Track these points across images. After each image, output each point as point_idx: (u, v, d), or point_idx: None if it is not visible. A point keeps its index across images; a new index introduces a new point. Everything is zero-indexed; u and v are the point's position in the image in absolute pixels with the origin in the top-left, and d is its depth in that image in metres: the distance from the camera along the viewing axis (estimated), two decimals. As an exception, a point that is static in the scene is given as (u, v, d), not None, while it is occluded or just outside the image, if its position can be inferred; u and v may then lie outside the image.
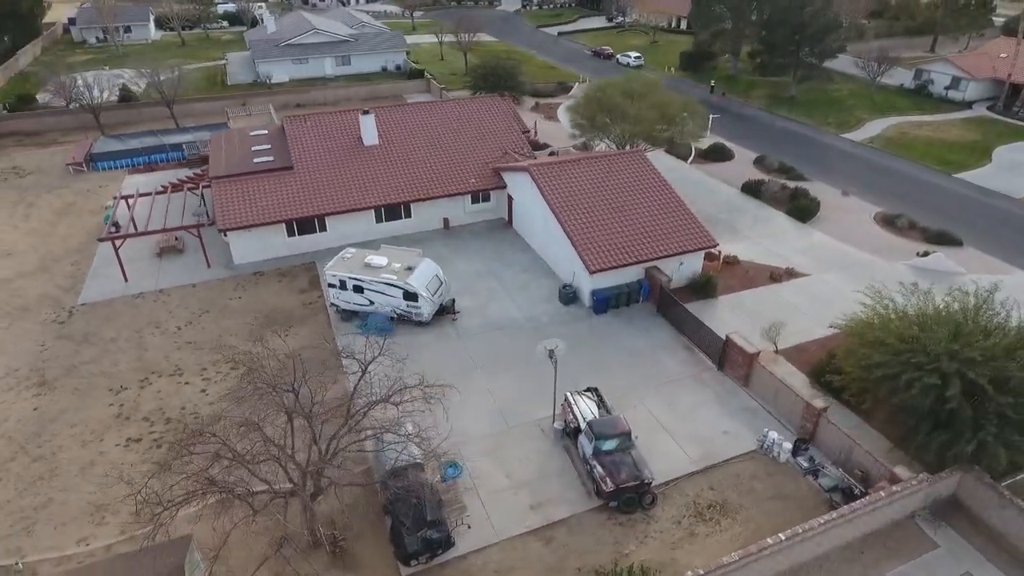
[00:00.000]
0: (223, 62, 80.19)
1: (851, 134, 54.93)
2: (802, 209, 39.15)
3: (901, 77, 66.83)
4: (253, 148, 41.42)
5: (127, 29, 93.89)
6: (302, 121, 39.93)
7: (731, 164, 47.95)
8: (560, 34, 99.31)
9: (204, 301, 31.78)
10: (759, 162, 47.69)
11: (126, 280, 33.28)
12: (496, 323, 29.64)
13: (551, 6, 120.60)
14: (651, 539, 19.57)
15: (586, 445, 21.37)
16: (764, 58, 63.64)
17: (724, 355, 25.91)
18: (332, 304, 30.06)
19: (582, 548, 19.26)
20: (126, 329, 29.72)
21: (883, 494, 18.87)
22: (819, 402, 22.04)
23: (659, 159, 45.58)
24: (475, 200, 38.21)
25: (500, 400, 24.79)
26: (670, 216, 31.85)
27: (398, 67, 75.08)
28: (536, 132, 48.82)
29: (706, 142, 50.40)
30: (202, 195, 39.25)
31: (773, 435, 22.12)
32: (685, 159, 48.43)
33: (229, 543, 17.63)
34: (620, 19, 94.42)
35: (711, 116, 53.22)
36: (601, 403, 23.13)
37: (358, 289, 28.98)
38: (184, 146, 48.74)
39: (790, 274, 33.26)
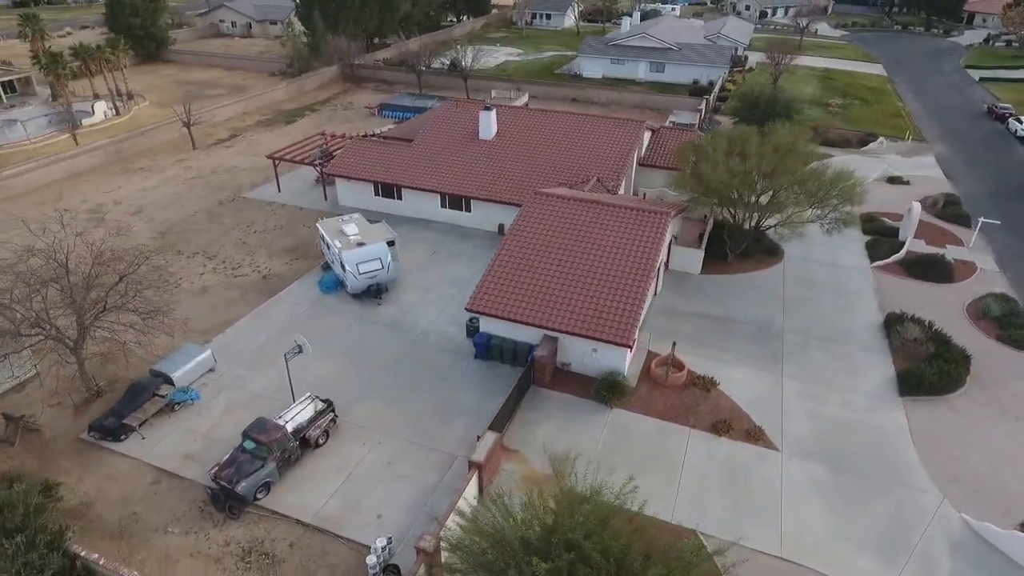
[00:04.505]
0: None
1: None
2: (915, 377, 25.60)
3: None
4: (435, 122, 47.80)
5: (547, 16, 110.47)
6: (454, 106, 44.24)
7: (937, 288, 32.86)
8: (982, 79, 75.48)
9: (290, 221, 40.39)
10: (978, 300, 31.42)
11: (279, 191, 44.38)
12: (400, 323, 29.98)
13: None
14: (188, 537, 19.73)
15: (252, 437, 21.97)
16: None
17: (482, 453, 21.52)
18: (322, 253, 35.03)
19: (156, 504, 20.74)
20: (236, 219, 40.47)
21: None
22: (424, 543, 17.25)
23: (841, 249, 35.38)
24: (530, 215, 36.85)
25: (298, 379, 25.98)
26: (614, 295, 25.88)
27: (711, 82, 70.52)
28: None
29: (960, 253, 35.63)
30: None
31: (382, 541, 18.50)
32: (881, 257, 35.19)
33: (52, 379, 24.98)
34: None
35: (980, 219, 36.90)
36: (317, 417, 22.78)
37: (328, 247, 33.13)
38: (434, 111, 58.44)
39: (750, 436, 23.37)
